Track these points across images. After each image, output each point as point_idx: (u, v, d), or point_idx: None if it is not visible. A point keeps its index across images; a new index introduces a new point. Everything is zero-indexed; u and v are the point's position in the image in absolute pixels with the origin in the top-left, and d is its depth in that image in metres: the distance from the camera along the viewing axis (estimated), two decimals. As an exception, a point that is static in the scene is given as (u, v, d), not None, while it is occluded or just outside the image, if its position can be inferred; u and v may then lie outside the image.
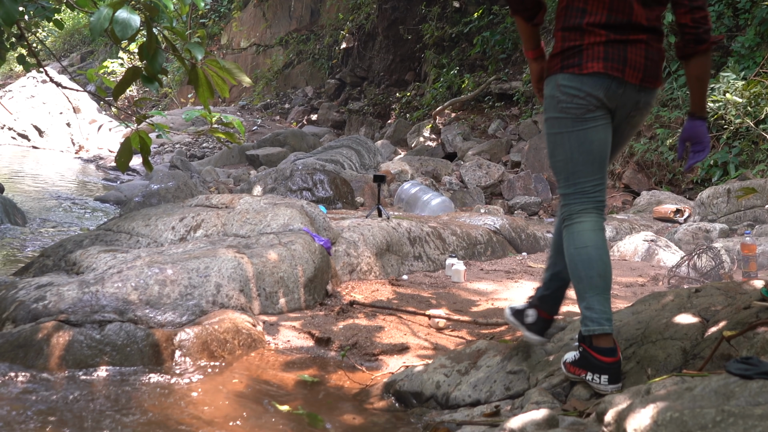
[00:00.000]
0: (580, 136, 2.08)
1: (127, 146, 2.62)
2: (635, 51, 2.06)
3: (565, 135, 2.09)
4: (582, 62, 2.04)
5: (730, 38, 8.41)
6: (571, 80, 2.05)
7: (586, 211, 2.09)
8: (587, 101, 2.05)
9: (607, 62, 2.03)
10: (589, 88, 2.04)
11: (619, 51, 2.04)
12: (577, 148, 2.09)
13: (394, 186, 8.43)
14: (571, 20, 2.07)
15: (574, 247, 2.06)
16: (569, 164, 2.11)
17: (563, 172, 2.13)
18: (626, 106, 2.11)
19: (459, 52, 13.91)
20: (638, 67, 2.06)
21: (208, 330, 2.81)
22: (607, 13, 2.04)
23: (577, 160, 2.10)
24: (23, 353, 2.58)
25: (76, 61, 24.05)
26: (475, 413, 2.17)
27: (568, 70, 2.06)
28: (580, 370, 2.03)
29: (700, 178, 7.81)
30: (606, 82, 2.04)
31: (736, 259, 4.64)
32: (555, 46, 2.12)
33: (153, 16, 2.28)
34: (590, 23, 2.04)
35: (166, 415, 2.26)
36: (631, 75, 2.05)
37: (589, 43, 2.04)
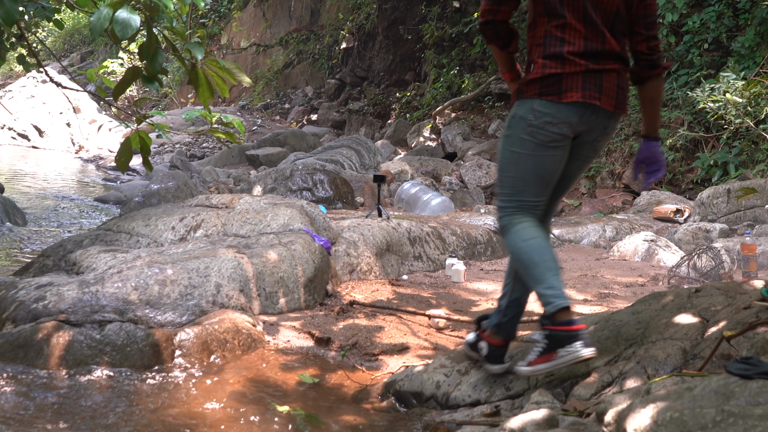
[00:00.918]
0: (537, 161, 2.17)
1: (127, 146, 2.62)
2: (609, 79, 2.15)
3: (524, 156, 2.16)
4: (561, 91, 2.11)
5: (730, 38, 8.40)
6: (547, 107, 2.12)
7: (525, 216, 2.19)
8: (558, 129, 2.13)
9: (585, 91, 2.11)
10: (564, 115, 2.12)
11: (596, 80, 2.13)
12: (531, 171, 2.18)
13: (394, 186, 8.43)
14: (551, 49, 2.14)
15: (523, 240, 2.15)
16: (518, 182, 2.20)
17: (510, 188, 2.21)
18: (595, 130, 2.20)
19: (459, 52, 13.90)
20: (612, 95, 2.16)
21: (208, 330, 2.81)
22: (583, 41, 2.13)
23: (527, 181, 2.19)
24: (23, 353, 2.58)
25: (76, 61, 24.05)
26: (475, 413, 2.17)
27: (546, 97, 2.12)
28: (549, 355, 2.04)
29: (700, 178, 7.81)
30: (581, 109, 2.13)
31: (736, 259, 4.64)
32: (534, 71, 2.16)
33: (153, 16, 2.28)
34: (570, 52, 2.12)
35: (166, 415, 2.26)
36: (606, 102, 2.15)
37: (570, 72, 2.11)
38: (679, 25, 8.82)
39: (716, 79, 7.05)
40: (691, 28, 8.59)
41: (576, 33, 2.12)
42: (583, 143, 2.23)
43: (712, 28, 8.42)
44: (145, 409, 2.30)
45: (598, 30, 2.13)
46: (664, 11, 8.79)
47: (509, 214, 2.19)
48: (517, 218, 2.18)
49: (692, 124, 8.06)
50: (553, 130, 2.12)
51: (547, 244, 2.15)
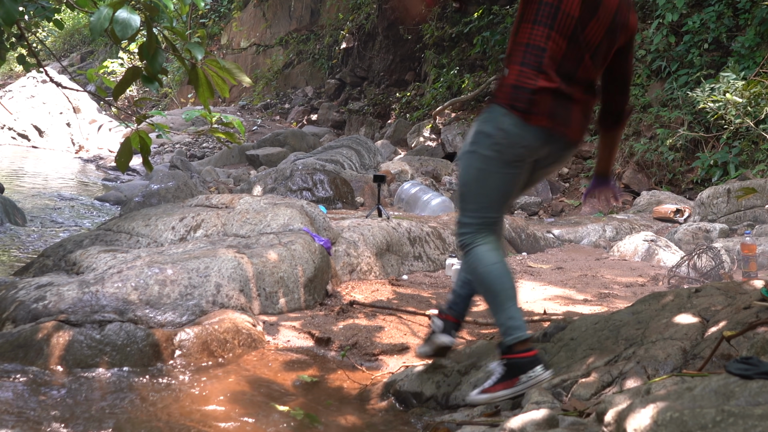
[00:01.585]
0: (504, 178, 2.18)
1: (127, 146, 2.62)
2: (578, 109, 2.17)
3: (490, 174, 2.17)
4: (530, 110, 2.11)
5: (730, 38, 8.40)
6: (515, 127, 2.11)
7: (487, 235, 2.19)
8: (525, 150, 2.14)
9: (553, 119, 2.12)
10: (530, 138, 2.13)
11: (565, 109, 2.14)
12: (496, 188, 2.19)
13: (394, 186, 8.43)
14: (530, 58, 2.13)
15: (485, 265, 2.16)
16: (484, 199, 2.21)
17: (474, 203, 2.21)
18: (553, 155, 2.23)
19: (459, 52, 13.90)
20: (577, 127, 2.19)
21: (208, 330, 2.81)
22: (562, 58, 2.13)
23: (492, 197, 2.21)
24: (23, 353, 2.58)
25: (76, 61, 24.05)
26: (475, 413, 2.17)
27: (515, 111, 2.11)
28: (510, 381, 2.07)
29: (700, 178, 7.81)
30: (546, 136, 2.14)
31: (736, 259, 4.64)
32: (509, 77, 2.16)
33: (153, 16, 2.28)
34: (548, 65, 2.11)
35: (166, 414, 2.26)
36: (571, 132, 2.18)
37: (542, 87, 2.10)
38: (679, 25, 8.82)
39: (716, 79, 7.05)
40: (691, 28, 8.59)
41: (557, 48, 2.12)
42: (539, 165, 2.25)
43: (712, 28, 8.42)
44: (145, 409, 2.30)
45: (579, 52, 2.14)
46: (664, 11, 8.79)
47: (472, 232, 2.19)
48: (480, 238, 2.18)
49: (692, 124, 8.06)
50: (518, 150, 2.14)
51: (507, 269, 2.18)
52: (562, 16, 2.11)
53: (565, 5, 2.10)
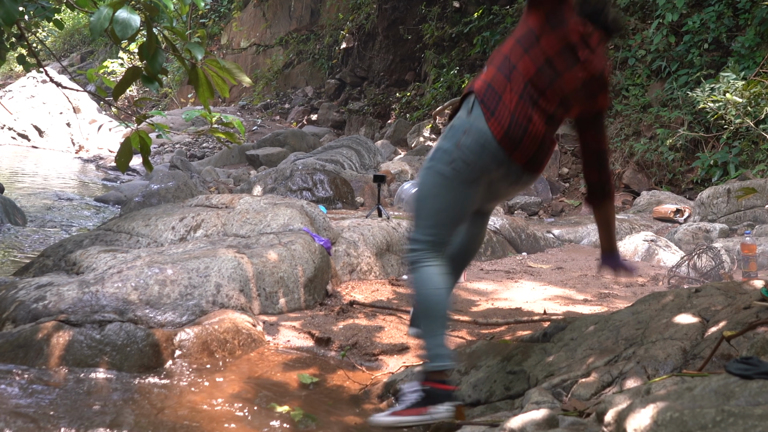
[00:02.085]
0: (459, 197, 2.18)
1: (127, 146, 2.62)
2: (532, 135, 2.16)
3: (446, 192, 2.16)
4: (494, 112, 2.12)
5: (730, 38, 8.40)
6: (475, 144, 2.11)
7: (437, 256, 2.18)
8: (480, 170, 2.15)
9: (507, 133, 2.12)
10: (487, 159, 2.12)
11: (520, 131, 2.14)
12: (454, 207, 2.18)
13: (394, 186, 8.43)
14: (505, 68, 2.16)
15: (431, 288, 2.14)
16: (442, 216, 2.19)
17: (431, 220, 2.18)
18: (508, 179, 2.22)
19: (459, 52, 13.91)
20: (527, 152, 2.17)
21: (208, 330, 2.81)
22: (533, 76, 2.15)
23: (450, 215, 2.19)
24: (23, 353, 2.58)
25: (76, 61, 24.05)
26: (475, 413, 2.17)
27: (482, 107, 2.12)
28: (421, 409, 2.03)
29: (700, 178, 7.81)
30: (502, 157, 2.13)
31: (736, 259, 4.64)
32: (485, 75, 2.19)
33: (153, 16, 2.28)
34: (516, 76, 2.14)
35: (166, 414, 2.26)
36: (519, 156, 2.15)
37: (507, 100, 2.13)
38: (679, 25, 8.82)
39: (716, 79, 7.05)
40: (691, 28, 8.59)
41: (531, 66, 2.14)
42: (495, 187, 2.26)
43: (712, 28, 8.42)
44: (145, 409, 2.29)
45: (549, 83, 2.16)
46: (664, 11, 8.79)
47: (423, 250, 2.17)
48: (429, 258, 2.17)
49: (692, 124, 8.06)
50: (474, 170, 2.13)
51: (449, 297, 2.18)
52: (545, 45, 2.15)
53: (544, 43, 2.15)
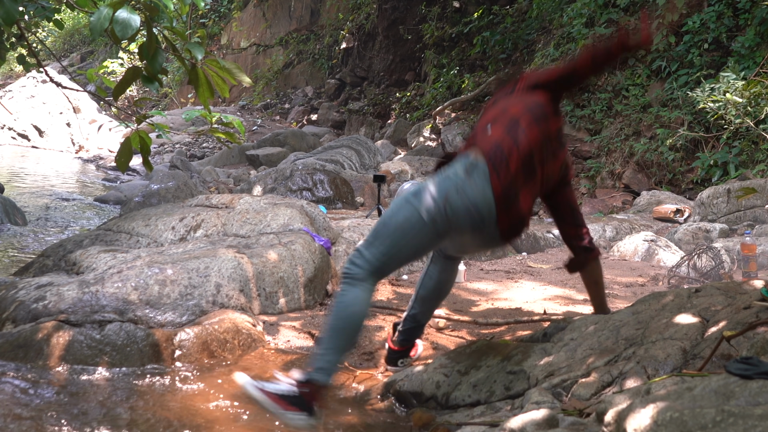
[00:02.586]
0: (427, 243, 2.22)
1: (127, 146, 2.62)
2: (520, 206, 2.23)
3: (417, 236, 2.17)
4: (499, 171, 2.17)
5: (730, 38, 8.40)
6: (464, 206, 2.14)
7: (374, 282, 2.21)
8: (457, 230, 2.19)
9: (502, 199, 2.17)
10: (469, 222, 2.15)
11: (513, 197, 2.21)
12: (414, 248, 2.22)
13: (394, 186, 8.43)
14: (513, 132, 2.23)
15: (356, 310, 2.15)
16: (398, 251, 2.20)
17: (387, 248, 2.18)
18: (484, 240, 2.28)
19: (459, 52, 13.91)
20: (512, 220, 2.22)
21: (208, 330, 2.81)
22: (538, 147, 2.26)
23: (406, 254, 2.23)
24: (23, 353, 2.58)
25: (76, 61, 24.05)
26: (475, 413, 2.17)
27: (489, 164, 2.17)
28: (285, 403, 2.04)
29: (700, 178, 7.81)
30: (486, 221, 2.18)
31: (736, 259, 4.64)
32: (493, 135, 2.24)
33: (153, 16, 2.28)
34: (523, 143, 2.22)
35: (165, 414, 2.26)
36: (503, 221, 2.19)
37: (511, 166, 2.19)
38: (679, 25, 8.82)
39: (716, 79, 7.05)
40: (691, 28, 8.59)
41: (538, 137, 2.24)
42: (470, 242, 2.32)
43: (712, 28, 8.42)
44: (145, 409, 2.29)
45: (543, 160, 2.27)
46: (664, 11, 8.79)
47: (366, 270, 2.17)
48: (369, 280, 2.18)
49: (692, 124, 8.06)
50: (451, 228, 2.16)
51: (363, 322, 2.19)
52: (545, 126, 2.25)
53: (552, 123, 2.28)
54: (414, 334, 2.67)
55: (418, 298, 2.61)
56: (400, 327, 2.67)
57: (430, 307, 2.64)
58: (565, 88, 2.37)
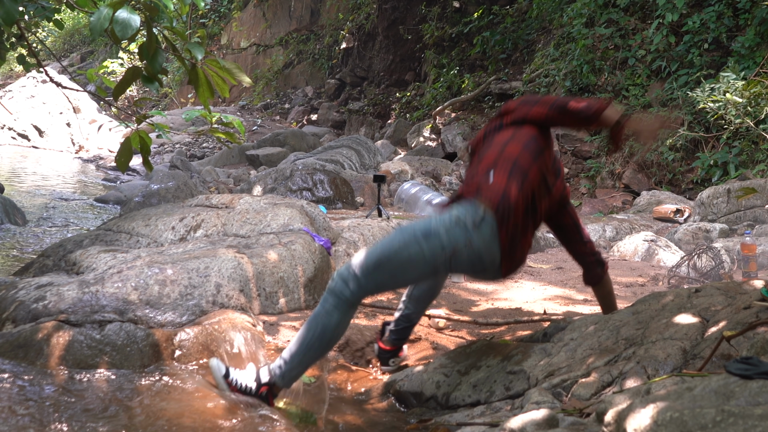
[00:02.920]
0: (422, 276, 2.28)
1: (127, 146, 2.62)
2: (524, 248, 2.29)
3: (416, 270, 2.19)
4: (506, 221, 2.19)
5: (730, 38, 8.40)
6: (471, 256, 2.16)
7: (357, 306, 2.24)
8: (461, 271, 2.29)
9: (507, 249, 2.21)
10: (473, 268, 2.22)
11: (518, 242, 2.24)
12: (409, 280, 2.31)
13: (394, 186, 8.43)
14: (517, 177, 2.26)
15: (333, 329, 2.19)
16: (393, 282, 2.25)
17: (381, 278, 2.20)
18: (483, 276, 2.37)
19: (459, 52, 13.91)
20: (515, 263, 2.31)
21: (208, 330, 2.80)
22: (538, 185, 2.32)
23: (398, 284, 2.31)
24: (23, 353, 2.58)
25: (76, 61, 24.05)
26: (475, 413, 2.17)
27: (497, 216, 2.17)
28: (249, 394, 2.24)
29: (700, 178, 7.81)
30: (491, 267, 2.25)
31: (736, 259, 4.64)
32: (497, 184, 2.23)
33: (153, 16, 2.28)
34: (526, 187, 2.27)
35: (166, 414, 2.26)
36: (506, 265, 2.25)
37: (516, 213, 2.21)
38: (679, 25, 8.82)
39: (716, 79, 7.05)
40: (691, 28, 8.59)
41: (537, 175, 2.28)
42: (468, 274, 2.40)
43: (712, 28, 8.42)
44: (145, 409, 2.29)
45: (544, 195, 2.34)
46: (664, 11, 8.79)
47: (356, 294, 2.19)
48: (355, 308, 2.23)
49: (692, 124, 8.06)
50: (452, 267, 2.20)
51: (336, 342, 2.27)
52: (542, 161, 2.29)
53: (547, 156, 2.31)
54: (406, 334, 2.70)
55: (411, 299, 2.64)
56: (391, 327, 2.70)
57: (423, 307, 2.67)
58: (553, 126, 2.39)
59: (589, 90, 9.67)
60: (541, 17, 12.39)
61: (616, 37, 9.60)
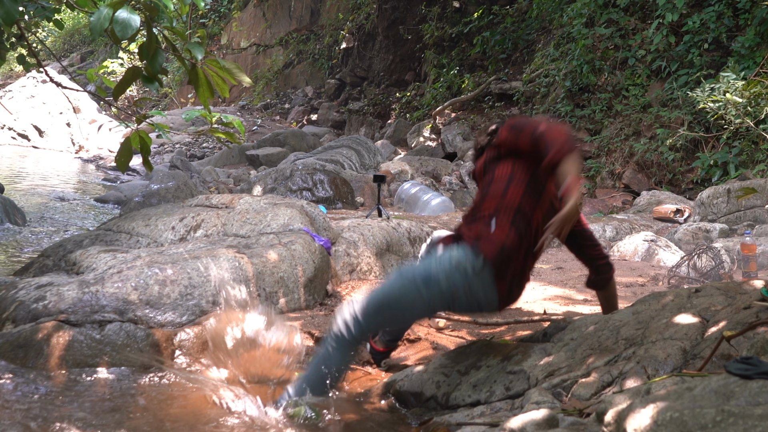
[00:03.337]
0: (419, 317, 2.38)
1: (127, 146, 2.62)
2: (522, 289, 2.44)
3: (414, 312, 2.26)
4: (503, 280, 2.26)
5: (730, 38, 8.40)
6: (470, 301, 2.23)
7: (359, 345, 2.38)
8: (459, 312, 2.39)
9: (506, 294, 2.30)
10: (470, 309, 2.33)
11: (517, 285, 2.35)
12: (407, 322, 2.41)
13: (394, 186, 8.43)
14: (521, 225, 2.27)
15: (336, 367, 2.32)
16: (395, 324, 2.37)
17: (385, 323, 2.33)
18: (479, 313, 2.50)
19: (459, 52, 13.91)
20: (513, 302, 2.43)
21: (208, 330, 2.80)
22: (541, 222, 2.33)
23: (396, 325, 2.43)
24: (23, 353, 2.58)
25: (76, 61, 24.06)
26: (475, 413, 2.17)
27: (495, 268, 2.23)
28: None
29: (700, 178, 7.81)
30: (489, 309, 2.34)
31: (736, 259, 4.64)
32: (499, 232, 2.24)
33: (153, 16, 2.28)
34: (528, 233, 2.30)
35: (166, 414, 2.26)
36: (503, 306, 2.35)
37: (515, 261, 2.29)
38: (679, 25, 8.82)
39: (716, 79, 7.05)
40: (691, 28, 8.59)
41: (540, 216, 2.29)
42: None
43: (712, 28, 8.42)
44: (145, 409, 2.29)
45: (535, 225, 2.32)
46: (664, 11, 8.79)
47: (358, 339, 2.28)
48: (357, 348, 2.35)
49: (692, 124, 8.06)
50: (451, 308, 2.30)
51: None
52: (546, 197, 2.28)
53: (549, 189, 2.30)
54: (400, 335, 2.75)
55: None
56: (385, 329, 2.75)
57: None
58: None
59: (589, 90, 9.67)
60: (541, 17, 12.39)
61: (616, 37, 9.60)
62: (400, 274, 2.23)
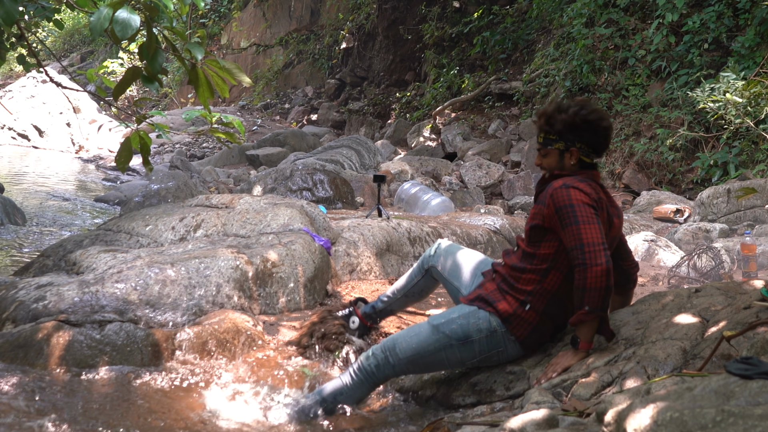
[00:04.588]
0: (444, 367, 2.41)
1: (127, 146, 2.62)
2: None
3: (440, 363, 2.33)
4: (530, 342, 2.36)
5: (730, 38, 8.40)
6: (498, 359, 2.34)
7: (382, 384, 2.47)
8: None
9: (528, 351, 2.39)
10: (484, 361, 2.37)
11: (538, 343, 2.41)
12: (434, 369, 2.41)
13: (394, 186, 8.43)
14: (552, 309, 2.35)
15: (358, 399, 2.41)
16: (418, 370, 2.37)
17: (412, 369, 2.36)
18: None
19: (459, 52, 13.91)
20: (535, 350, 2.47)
21: (208, 330, 2.81)
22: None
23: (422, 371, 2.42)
24: (23, 353, 2.58)
25: (76, 61, 24.06)
26: (475, 413, 2.17)
27: (519, 341, 2.33)
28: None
29: (700, 178, 7.81)
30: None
31: (736, 259, 4.64)
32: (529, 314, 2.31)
33: (153, 16, 2.28)
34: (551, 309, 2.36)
35: (166, 414, 2.26)
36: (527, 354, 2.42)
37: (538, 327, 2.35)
38: (679, 25, 8.82)
39: (716, 79, 7.05)
40: (691, 28, 8.59)
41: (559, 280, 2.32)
42: None
43: (712, 28, 8.42)
44: (145, 409, 2.30)
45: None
46: (664, 11, 8.79)
47: (382, 380, 2.38)
48: (379, 386, 2.45)
49: (692, 124, 8.06)
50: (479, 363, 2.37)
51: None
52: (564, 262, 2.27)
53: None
54: (385, 316, 2.91)
55: (401, 296, 2.81)
56: (371, 310, 2.88)
57: (411, 304, 2.89)
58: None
59: (589, 90, 9.67)
60: (541, 17, 12.39)
61: (616, 37, 9.60)
62: (436, 330, 2.30)
